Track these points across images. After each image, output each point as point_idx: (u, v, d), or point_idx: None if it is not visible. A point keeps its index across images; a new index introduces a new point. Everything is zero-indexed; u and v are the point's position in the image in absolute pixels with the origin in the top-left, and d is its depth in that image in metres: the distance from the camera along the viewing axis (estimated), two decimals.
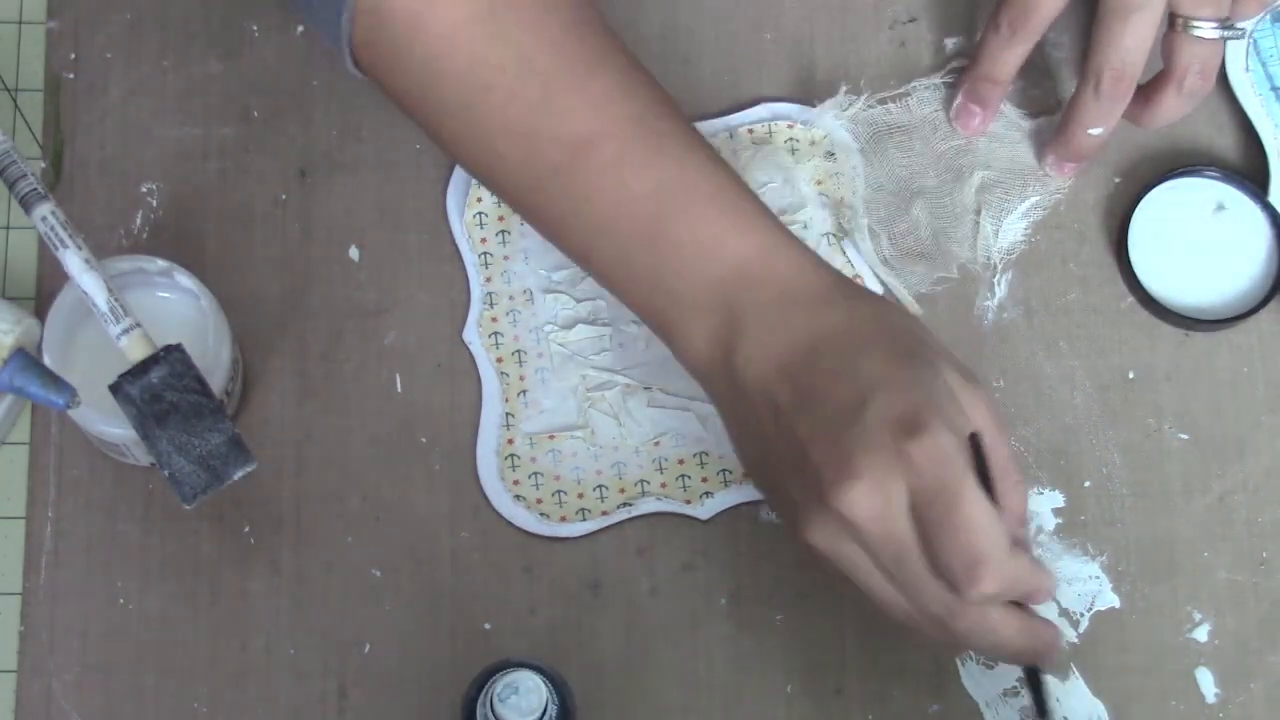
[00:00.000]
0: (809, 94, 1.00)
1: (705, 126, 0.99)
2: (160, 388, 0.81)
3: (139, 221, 0.97)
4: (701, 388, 0.85)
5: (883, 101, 0.99)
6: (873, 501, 0.77)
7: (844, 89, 0.99)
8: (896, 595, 0.80)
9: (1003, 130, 0.99)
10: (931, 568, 0.78)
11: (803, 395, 0.79)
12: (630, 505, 0.94)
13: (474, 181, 0.97)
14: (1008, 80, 0.97)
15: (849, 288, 0.82)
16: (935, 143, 0.99)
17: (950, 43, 1.01)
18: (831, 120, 0.98)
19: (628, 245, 0.83)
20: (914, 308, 0.96)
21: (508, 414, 0.95)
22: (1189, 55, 0.93)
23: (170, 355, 0.82)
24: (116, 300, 0.84)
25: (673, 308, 0.83)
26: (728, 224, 0.82)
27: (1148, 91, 0.95)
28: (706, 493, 0.94)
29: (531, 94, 0.82)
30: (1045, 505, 0.94)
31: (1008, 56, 0.95)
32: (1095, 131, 0.95)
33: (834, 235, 0.97)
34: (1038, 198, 0.98)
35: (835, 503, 0.77)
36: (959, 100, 0.98)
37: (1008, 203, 0.98)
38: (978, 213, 0.98)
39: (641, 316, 0.85)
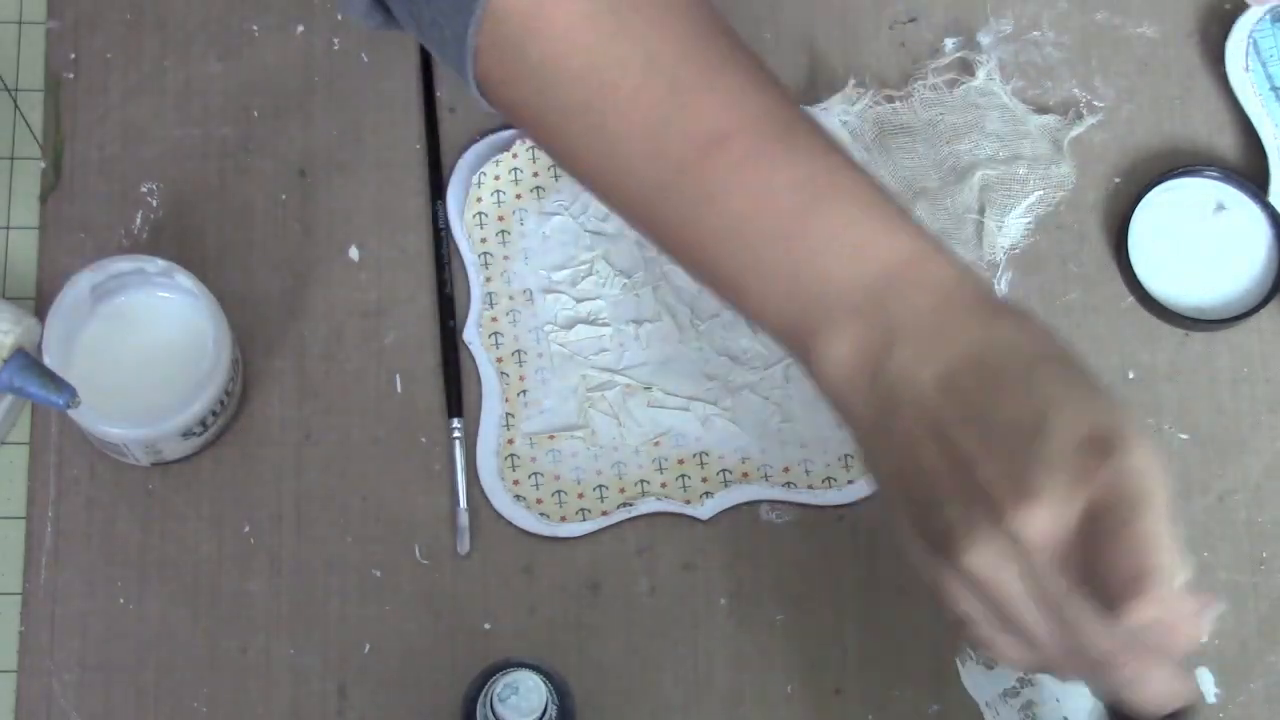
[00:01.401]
0: (809, 94, 1.00)
1: None
2: None
3: (139, 221, 0.97)
4: (833, 404, 0.77)
5: (890, 100, 0.99)
6: (1053, 521, 0.70)
7: (852, 82, 0.99)
8: (1041, 623, 0.73)
9: (1005, 128, 0.99)
10: (1086, 589, 0.71)
11: (971, 410, 0.73)
12: (630, 505, 0.94)
13: (474, 181, 0.97)
14: None
15: (1003, 301, 0.76)
16: (938, 145, 0.99)
17: (950, 43, 1.01)
18: (838, 114, 0.98)
19: (762, 246, 0.76)
20: None
21: (508, 414, 0.95)
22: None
23: None
24: None
25: (814, 313, 0.75)
26: (876, 222, 0.76)
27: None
28: (706, 493, 0.94)
29: (658, 91, 0.77)
30: None
31: None
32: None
33: None
34: (1040, 193, 0.98)
35: (1011, 523, 0.70)
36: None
37: (1010, 200, 0.98)
38: (981, 212, 0.98)
39: (772, 329, 0.78)
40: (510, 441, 0.94)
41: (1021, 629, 0.73)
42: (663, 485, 0.94)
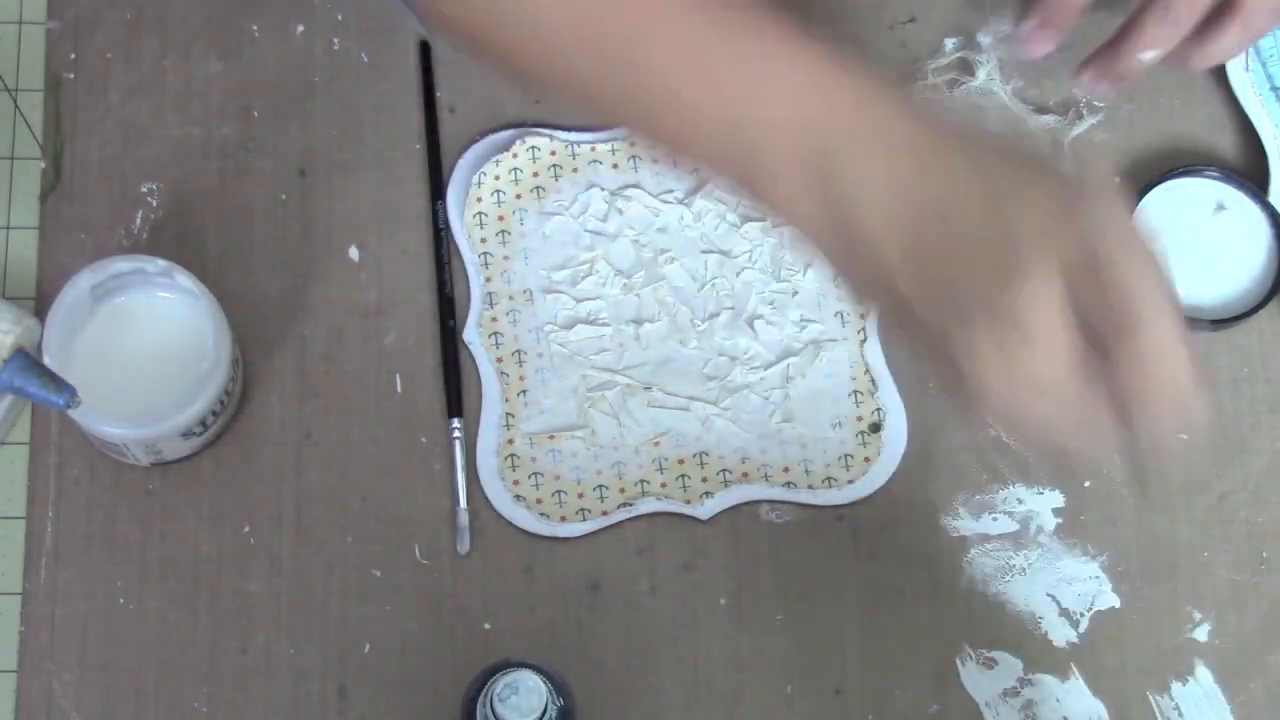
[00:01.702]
0: None
1: None
2: None
3: (139, 221, 0.97)
4: (798, 234, 0.76)
5: None
6: (1046, 297, 0.70)
7: None
8: (1067, 377, 0.72)
9: (1005, 128, 0.99)
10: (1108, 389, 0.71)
11: (945, 251, 0.71)
12: (630, 505, 0.94)
13: (474, 181, 0.97)
14: (1084, 7, 0.92)
15: (941, 126, 0.74)
16: None
17: (950, 43, 1.01)
18: None
19: (698, 99, 0.74)
20: None
21: (508, 414, 0.95)
22: None
23: None
24: None
25: (751, 158, 0.74)
26: (802, 63, 0.74)
27: (1206, 28, 0.90)
28: (706, 493, 0.94)
29: None
30: (1045, 505, 0.94)
31: None
32: (1147, 55, 0.91)
33: None
34: None
35: (1007, 310, 0.70)
36: (1032, 23, 0.93)
37: None
38: None
39: (711, 169, 0.77)
40: (510, 441, 0.94)
41: (1045, 376, 0.71)
42: (663, 485, 0.94)
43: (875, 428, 0.95)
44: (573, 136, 0.99)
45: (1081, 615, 0.93)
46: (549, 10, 0.77)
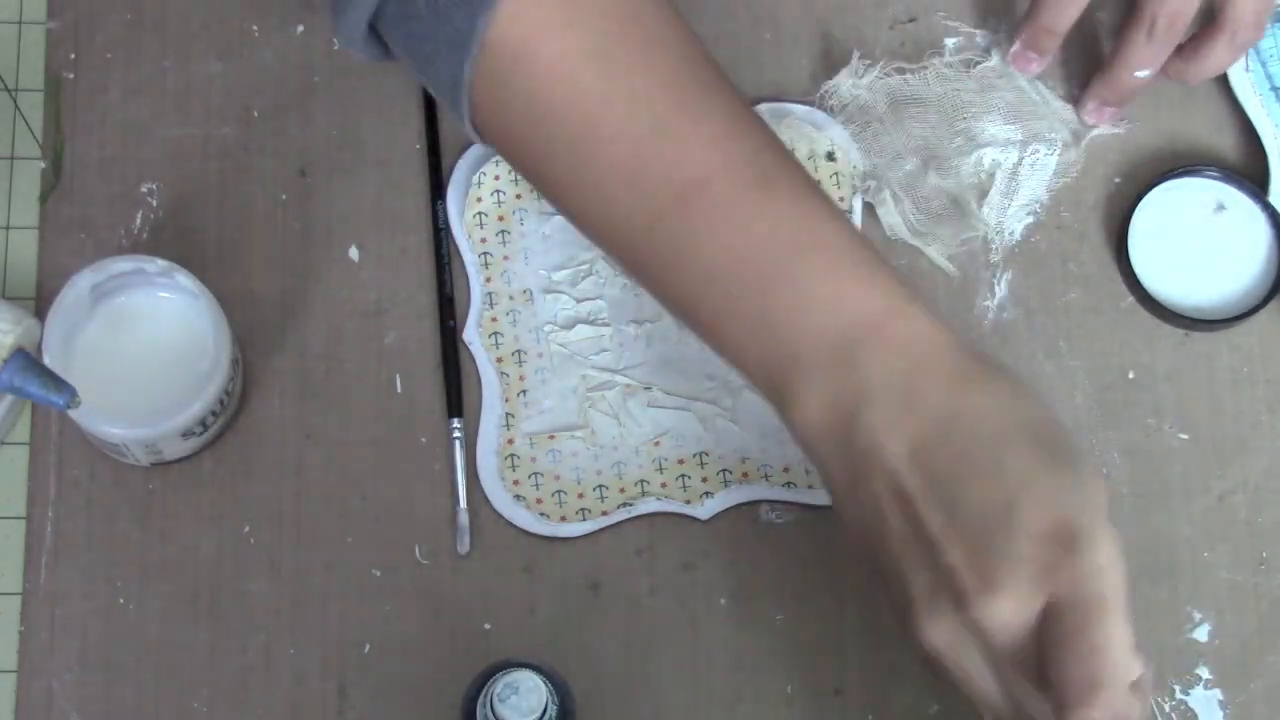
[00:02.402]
0: (810, 93, 1.00)
1: None
2: None
3: (139, 221, 0.97)
4: (808, 456, 0.78)
5: (901, 71, 0.99)
6: (1015, 615, 0.72)
7: (857, 55, 0.99)
8: (1000, 697, 0.75)
9: (1023, 107, 0.99)
10: (1038, 677, 0.73)
11: (939, 488, 0.73)
12: (630, 505, 0.94)
13: (474, 181, 0.97)
14: (1065, 31, 0.95)
15: (982, 359, 0.76)
16: (952, 117, 0.98)
17: (950, 43, 1.01)
18: (848, 88, 0.98)
19: (739, 293, 0.76)
20: (950, 269, 0.96)
21: (508, 414, 0.95)
22: (1244, 5, 0.91)
23: None
24: None
25: (788, 366, 0.76)
26: (851, 274, 0.76)
27: (1196, 43, 0.93)
28: (706, 493, 0.94)
29: (640, 130, 0.77)
30: None
31: (1067, 8, 0.94)
32: (1142, 74, 0.94)
33: None
34: (1051, 173, 0.98)
35: (975, 612, 0.72)
36: (1017, 47, 0.98)
37: (1020, 177, 0.98)
38: (986, 188, 0.98)
39: (750, 376, 0.78)
40: (510, 441, 0.94)
41: (971, 693, 0.75)
42: (663, 485, 0.94)
43: None
44: None
45: None
46: (593, 162, 0.78)
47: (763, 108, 0.99)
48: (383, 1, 0.81)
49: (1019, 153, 0.98)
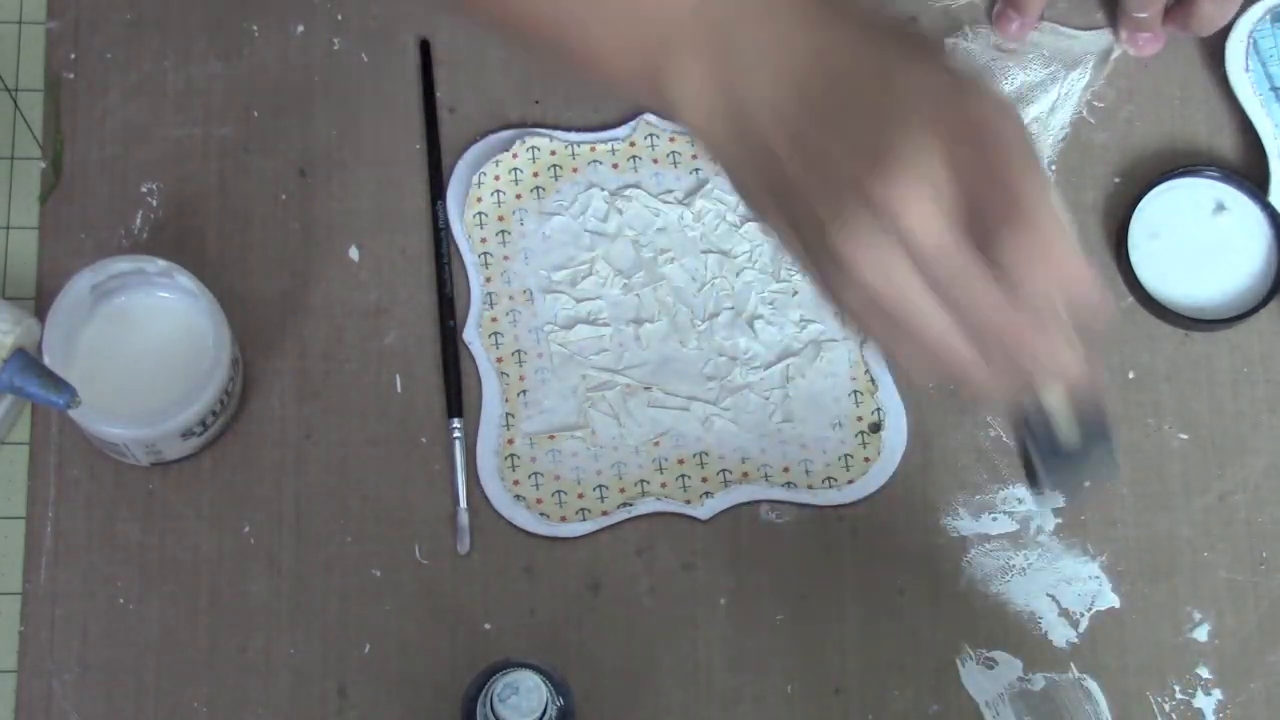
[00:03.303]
0: None
1: None
2: None
3: (139, 221, 0.97)
4: (695, 137, 0.77)
5: None
6: (920, 188, 0.68)
7: None
8: (947, 320, 0.70)
9: (1050, 44, 1.00)
10: (985, 269, 0.69)
11: (827, 116, 0.71)
12: (630, 505, 0.94)
13: (474, 181, 0.97)
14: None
15: (847, 3, 0.74)
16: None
17: (950, 42, 1.01)
18: None
19: None
20: None
21: (508, 414, 0.95)
22: None
23: None
24: None
25: (657, 52, 0.74)
26: None
27: None
28: (706, 493, 0.94)
29: None
30: (1045, 505, 0.94)
31: None
32: (1141, 15, 0.98)
33: None
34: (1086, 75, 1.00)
35: (877, 194, 0.68)
36: (999, 7, 1.00)
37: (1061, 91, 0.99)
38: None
39: (624, 83, 0.77)
40: (510, 441, 0.94)
41: (913, 326, 0.70)
42: (663, 485, 0.94)
43: (875, 428, 0.95)
44: (573, 137, 0.99)
45: (1081, 615, 0.93)
46: None
47: None
48: None
49: (1056, 89, 0.99)
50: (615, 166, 0.99)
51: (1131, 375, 0.97)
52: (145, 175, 0.97)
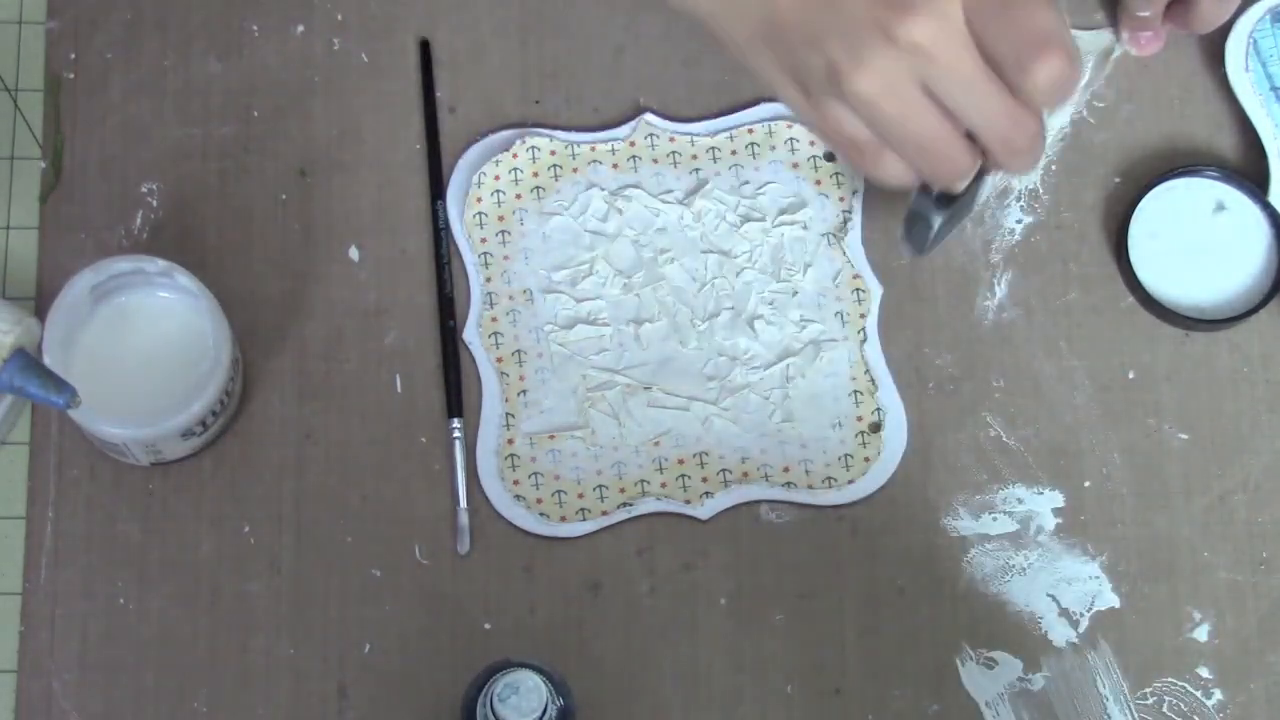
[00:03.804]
0: None
1: (705, 126, 0.99)
2: None
3: (139, 221, 0.97)
4: (699, 17, 0.80)
5: None
6: (945, 26, 0.73)
7: None
8: (948, 126, 0.76)
9: None
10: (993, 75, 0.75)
11: None
12: (630, 505, 0.94)
13: (474, 181, 0.97)
14: (1160, 9, 0.99)
15: None
16: None
17: None
18: None
19: None
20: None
21: (508, 414, 0.95)
22: None
23: None
24: None
25: None
26: None
27: None
28: (706, 493, 0.94)
29: None
30: (1045, 505, 0.94)
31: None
32: (1143, 13, 0.98)
33: (834, 235, 0.97)
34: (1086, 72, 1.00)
35: (902, 35, 0.73)
36: (1126, 36, 1.01)
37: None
38: None
39: None
40: (510, 441, 0.94)
41: (910, 134, 0.75)
42: (663, 485, 0.94)
43: (875, 428, 0.95)
44: (573, 137, 0.99)
45: (1081, 615, 0.93)
46: None
47: (764, 109, 0.99)
48: None
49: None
50: (615, 166, 0.99)
51: (1131, 375, 0.97)
52: (145, 175, 0.97)
